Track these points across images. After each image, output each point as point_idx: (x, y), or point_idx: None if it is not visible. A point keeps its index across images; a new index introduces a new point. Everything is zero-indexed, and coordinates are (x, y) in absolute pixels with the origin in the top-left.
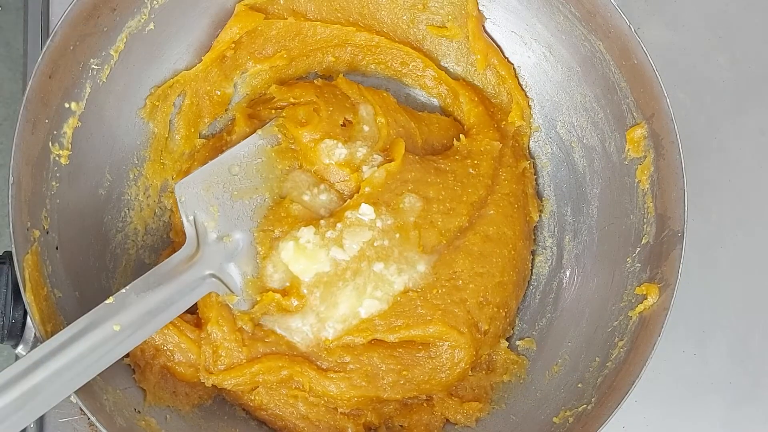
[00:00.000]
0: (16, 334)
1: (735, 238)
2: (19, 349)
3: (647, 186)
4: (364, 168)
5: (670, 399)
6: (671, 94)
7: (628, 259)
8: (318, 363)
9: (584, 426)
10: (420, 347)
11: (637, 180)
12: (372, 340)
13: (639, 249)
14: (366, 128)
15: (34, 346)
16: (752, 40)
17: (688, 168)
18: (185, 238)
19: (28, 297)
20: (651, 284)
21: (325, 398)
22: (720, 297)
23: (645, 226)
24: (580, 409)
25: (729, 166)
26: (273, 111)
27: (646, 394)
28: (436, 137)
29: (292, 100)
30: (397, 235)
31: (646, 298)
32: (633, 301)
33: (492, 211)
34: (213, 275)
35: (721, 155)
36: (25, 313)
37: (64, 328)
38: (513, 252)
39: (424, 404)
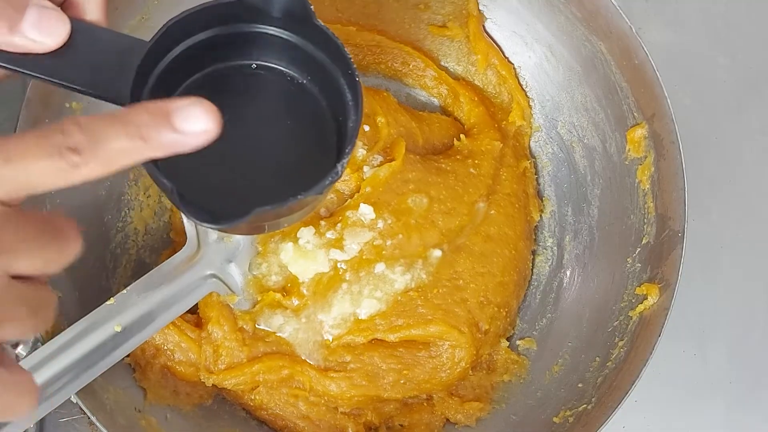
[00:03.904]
0: None
1: (735, 238)
2: (19, 349)
3: (648, 186)
4: (365, 168)
5: (670, 399)
6: (671, 94)
7: (628, 259)
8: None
9: (584, 426)
10: (420, 347)
11: (637, 180)
12: (372, 339)
13: (639, 249)
14: (366, 128)
15: (34, 346)
16: (752, 40)
17: (689, 168)
18: (186, 238)
19: None
20: (651, 284)
21: (326, 398)
22: (720, 297)
23: (645, 226)
24: (580, 408)
25: (729, 166)
26: None
27: (646, 394)
28: (437, 137)
29: None
30: (400, 236)
31: (647, 298)
32: (633, 301)
33: (493, 211)
34: (214, 275)
35: (722, 155)
36: None
37: (65, 328)
38: (514, 252)
39: (425, 404)
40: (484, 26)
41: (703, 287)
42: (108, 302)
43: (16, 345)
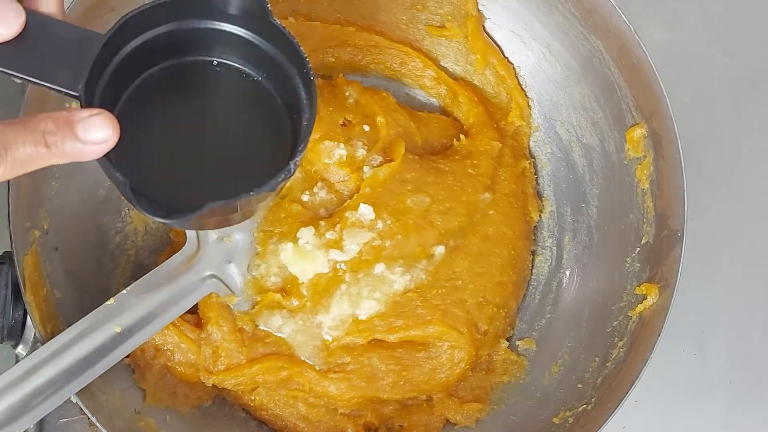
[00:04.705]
0: (16, 334)
1: (735, 237)
2: (19, 349)
3: (647, 185)
4: (365, 168)
5: (670, 399)
6: (670, 93)
7: (627, 259)
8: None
9: (584, 426)
10: (420, 347)
11: (636, 179)
12: (372, 340)
13: (639, 249)
14: (366, 128)
15: (34, 346)
16: (751, 38)
17: (688, 167)
18: (185, 238)
19: (27, 297)
20: (651, 284)
21: (325, 399)
22: (720, 297)
23: (644, 226)
24: (579, 409)
25: (729, 166)
26: None
27: (646, 394)
28: (436, 137)
29: None
30: (399, 236)
31: (646, 298)
32: (633, 300)
33: (491, 211)
34: (213, 276)
35: (721, 154)
36: (25, 313)
37: (64, 328)
38: (513, 252)
39: (424, 404)
40: (483, 26)
41: (702, 287)
42: (107, 303)
43: (15, 345)
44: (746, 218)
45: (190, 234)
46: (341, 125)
